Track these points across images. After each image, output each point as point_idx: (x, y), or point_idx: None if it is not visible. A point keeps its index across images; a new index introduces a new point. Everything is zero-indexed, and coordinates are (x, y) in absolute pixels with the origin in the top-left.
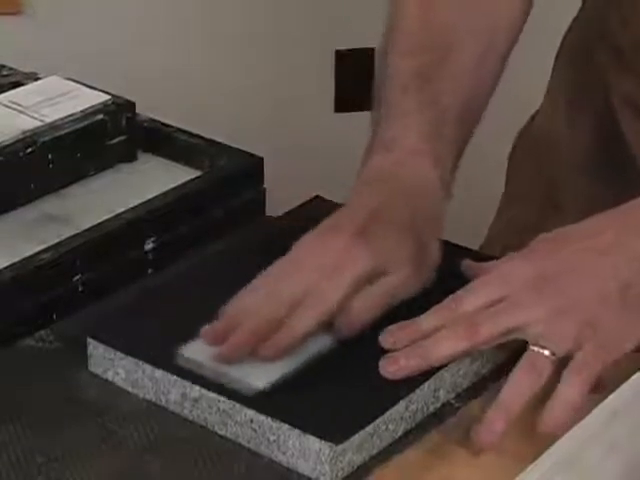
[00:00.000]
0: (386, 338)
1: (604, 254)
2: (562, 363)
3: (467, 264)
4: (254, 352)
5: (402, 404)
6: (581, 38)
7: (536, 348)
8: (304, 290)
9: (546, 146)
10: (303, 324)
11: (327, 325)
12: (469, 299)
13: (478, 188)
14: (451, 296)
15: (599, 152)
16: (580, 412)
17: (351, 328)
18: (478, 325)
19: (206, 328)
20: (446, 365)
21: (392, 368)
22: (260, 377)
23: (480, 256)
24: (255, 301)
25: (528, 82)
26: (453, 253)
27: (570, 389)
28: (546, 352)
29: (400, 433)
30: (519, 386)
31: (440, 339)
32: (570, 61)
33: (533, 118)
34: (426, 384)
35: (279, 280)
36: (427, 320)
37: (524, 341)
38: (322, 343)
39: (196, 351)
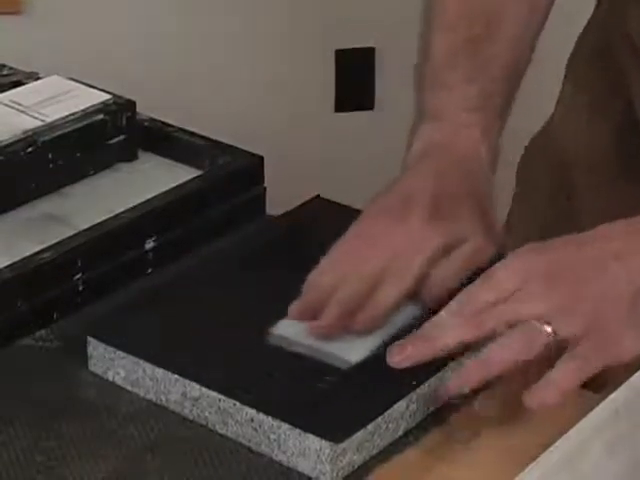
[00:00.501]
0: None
1: (619, 259)
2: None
3: None
4: (345, 326)
5: (402, 403)
6: (600, 39)
7: (538, 323)
8: (385, 264)
9: (563, 153)
10: (389, 297)
11: (411, 296)
12: (482, 292)
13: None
14: (464, 290)
15: (619, 153)
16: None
17: (434, 297)
18: (486, 315)
19: (293, 305)
20: (447, 364)
21: (398, 357)
22: (354, 351)
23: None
24: (339, 275)
25: (539, 86)
26: None
27: (562, 374)
28: (548, 328)
29: (400, 432)
30: (506, 348)
31: (447, 328)
32: (589, 63)
33: (545, 125)
34: (427, 383)
35: (360, 254)
36: (444, 314)
37: None
38: (408, 314)
39: (286, 328)
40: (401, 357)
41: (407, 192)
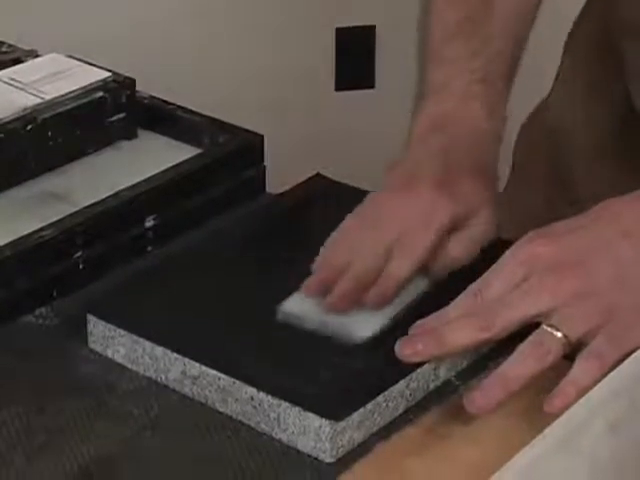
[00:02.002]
0: (414, 331)
1: (626, 236)
2: (576, 349)
3: None
4: (357, 302)
5: (402, 382)
6: (599, 22)
7: (549, 328)
8: (395, 239)
9: (561, 134)
10: (400, 271)
11: (422, 269)
12: (492, 285)
13: None
14: (475, 283)
15: (617, 139)
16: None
17: (446, 271)
18: (495, 316)
19: (308, 281)
20: None
21: (408, 351)
22: (365, 326)
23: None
24: (351, 251)
25: (533, 67)
26: None
27: (582, 374)
28: (558, 334)
29: (400, 411)
30: (523, 360)
31: (457, 329)
32: (588, 44)
33: (542, 105)
34: (427, 362)
35: (371, 229)
36: (452, 310)
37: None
38: (418, 288)
39: (295, 305)
40: (411, 352)
41: (414, 167)
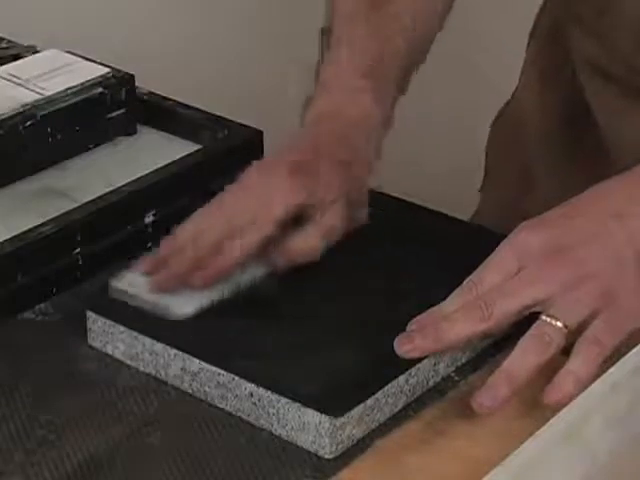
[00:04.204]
0: (412, 326)
1: (617, 217)
2: (575, 336)
3: None
4: (185, 281)
5: (402, 378)
6: (551, 15)
7: (548, 318)
8: (237, 223)
9: (519, 126)
10: (231, 255)
11: (261, 256)
12: (487, 278)
13: (463, 172)
14: (470, 276)
15: (567, 127)
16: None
17: (286, 263)
18: (492, 307)
19: (143, 259)
20: None
21: (407, 347)
22: (186, 304)
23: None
24: (187, 236)
25: (507, 66)
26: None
27: (579, 365)
28: (558, 324)
29: (400, 407)
30: (525, 354)
31: (455, 322)
32: (544, 36)
33: (510, 100)
34: (426, 358)
35: (217, 213)
36: (449, 304)
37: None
38: (253, 274)
39: (126, 282)
40: (409, 347)
41: (283, 150)
